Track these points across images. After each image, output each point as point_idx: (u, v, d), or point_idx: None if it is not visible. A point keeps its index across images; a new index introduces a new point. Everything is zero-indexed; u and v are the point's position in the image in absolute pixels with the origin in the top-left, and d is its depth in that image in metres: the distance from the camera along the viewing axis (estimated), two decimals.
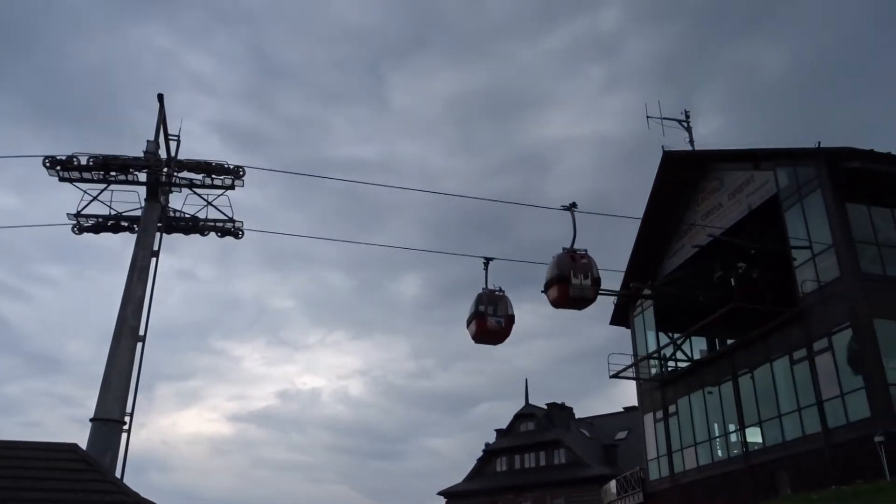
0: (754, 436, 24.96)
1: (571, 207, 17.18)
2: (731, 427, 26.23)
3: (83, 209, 15.82)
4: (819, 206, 22.65)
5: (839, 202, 22.07)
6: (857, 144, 21.36)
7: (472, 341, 19.22)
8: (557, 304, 17.68)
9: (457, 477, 56.43)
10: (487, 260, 18.75)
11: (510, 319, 18.95)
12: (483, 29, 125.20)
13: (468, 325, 19.30)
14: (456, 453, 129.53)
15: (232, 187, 16.16)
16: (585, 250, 17.60)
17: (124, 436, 13.52)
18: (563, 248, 17.62)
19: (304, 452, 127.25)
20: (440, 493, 54.51)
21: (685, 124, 30.37)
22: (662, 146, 29.44)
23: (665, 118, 30.35)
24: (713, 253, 27.79)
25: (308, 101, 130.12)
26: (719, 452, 26.89)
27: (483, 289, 17.95)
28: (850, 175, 21.92)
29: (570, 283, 17.15)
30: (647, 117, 30.33)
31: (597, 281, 17.46)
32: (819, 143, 22.07)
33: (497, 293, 19.05)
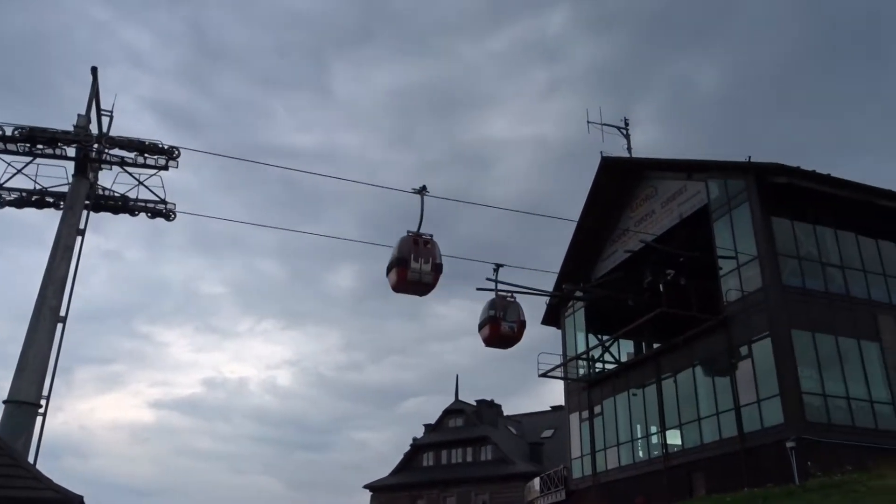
0: (674, 438, 25.70)
1: (422, 191, 16.71)
2: (653, 429, 26.94)
3: (6, 182, 15.22)
4: (746, 218, 23.45)
5: (765, 216, 22.91)
6: (785, 161, 22.25)
7: (483, 344, 20.05)
8: (396, 287, 17.05)
9: (384, 471, 56.41)
10: (497, 266, 19.95)
11: (522, 325, 19.82)
12: (430, 24, 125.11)
13: (480, 329, 20.11)
14: (384, 447, 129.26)
15: (165, 168, 15.75)
16: (431, 235, 16.98)
17: (39, 419, 13.05)
18: (408, 232, 16.97)
19: (229, 442, 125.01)
20: (366, 487, 54.36)
21: (624, 132, 31.06)
22: (601, 152, 30.07)
23: (605, 124, 31.00)
24: (644, 258, 28.49)
25: (248, 85, 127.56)
26: (640, 453, 27.59)
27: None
28: (776, 190, 22.78)
29: (408, 267, 16.55)
30: (588, 122, 30.90)
31: (438, 267, 16.81)
32: (749, 157, 22.86)
33: (509, 299, 19.99)
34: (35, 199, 15.41)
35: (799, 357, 21.17)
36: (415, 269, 16.59)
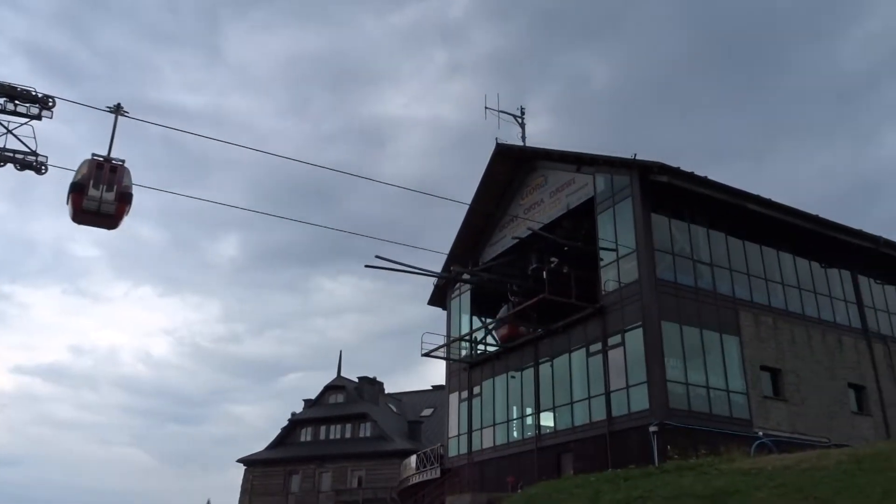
0: (547, 420, 26.66)
1: (117, 110, 14.10)
2: (528, 410, 27.82)
3: None
4: (628, 213, 24.49)
5: (646, 212, 24.00)
6: (667, 161, 23.33)
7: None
8: (74, 218, 14.40)
9: (260, 445, 55.56)
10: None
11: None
12: None
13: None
14: (261, 422, 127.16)
15: (38, 117, 14.67)
16: (123, 161, 14.21)
17: None
18: (92, 154, 14.25)
19: (96, 412, 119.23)
20: (240, 461, 53.35)
21: (519, 120, 31.68)
22: (496, 138, 30.53)
23: (502, 111, 31.50)
24: (531, 246, 29.26)
25: (133, 38, 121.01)
26: (514, 434, 28.44)
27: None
28: (657, 188, 23.90)
29: (85, 194, 13.85)
30: (486, 108, 31.32)
31: (124, 196, 14.15)
32: (635, 155, 23.86)
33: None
34: None
35: (667, 347, 22.41)
36: (93, 196, 13.93)
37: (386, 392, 57.85)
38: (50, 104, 14.67)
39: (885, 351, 27.72)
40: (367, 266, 27.79)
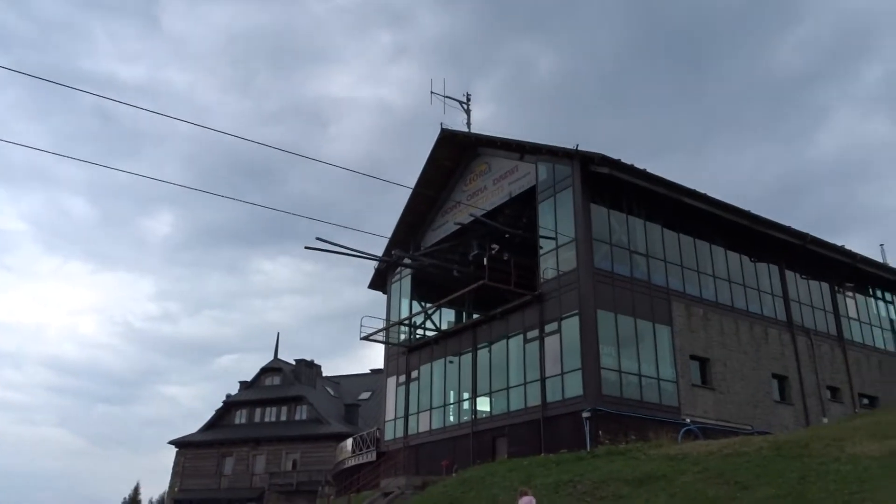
0: (484, 405, 26.95)
1: None
2: (465, 395, 28.06)
3: None
4: (569, 202, 24.82)
5: (586, 202, 24.37)
6: (609, 153, 23.71)
7: None
8: None
9: (193, 427, 54.70)
10: None
11: None
12: None
13: None
14: (196, 403, 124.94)
15: None
16: None
17: None
18: None
19: (19, 391, 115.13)
20: (172, 443, 52.44)
21: (465, 106, 31.73)
22: (441, 123, 30.49)
23: (447, 97, 31.48)
24: (473, 232, 29.44)
25: (66, 4, 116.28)
26: (451, 418, 28.67)
27: None
28: (598, 179, 24.28)
29: None
30: (432, 93, 31.24)
31: None
32: (577, 145, 24.17)
33: None
34: None
35: (601, 335, 22.87)
36: None
37: (323, 375, 57.61)
38: None
39: (807, 343, 28.90)
40: (307, 248, 27.55)
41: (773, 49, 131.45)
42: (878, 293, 33.93)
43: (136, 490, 77.12)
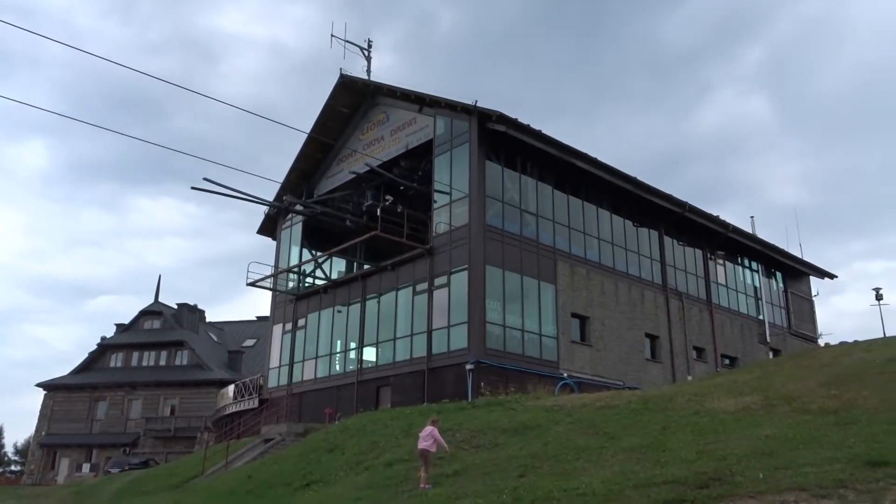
0: (370, 355, 27.12)
1: None
2: (352, 345, 28.10)
3: None
4: (465, 158, 24.97)
5: (481, 158, 24.59)
6: (507, 111, 23.89)
7: None
8: None
9: (64, 370, 52.30)
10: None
11: None
12: None
13: None
14: (67, 345, 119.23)
15: None
16: None
17: None
18: None
19: None
20: (39, 385, 49.98)
21: (366, 53, 31.08)
22: (341, 69, 29.80)
23: (348, 41, 30.73)
24: (368, 182, 29.18)
25: None
26: (337, 367, 28.70)
27: None
28: (494, 136, 24.52)
29: None
30: (332, 36, 30.43)
31: None
32: (476, 101, 24.23)
33: None
34: None
35: (489, 291, 23.38)
36: None
37: (207, 321, 56.20)
38: None
39: (679, 305, 30.65)
40: (193, 188, 26.53)
41: (663, 24, 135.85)
42: (745, 262, 36.29)
43: None
